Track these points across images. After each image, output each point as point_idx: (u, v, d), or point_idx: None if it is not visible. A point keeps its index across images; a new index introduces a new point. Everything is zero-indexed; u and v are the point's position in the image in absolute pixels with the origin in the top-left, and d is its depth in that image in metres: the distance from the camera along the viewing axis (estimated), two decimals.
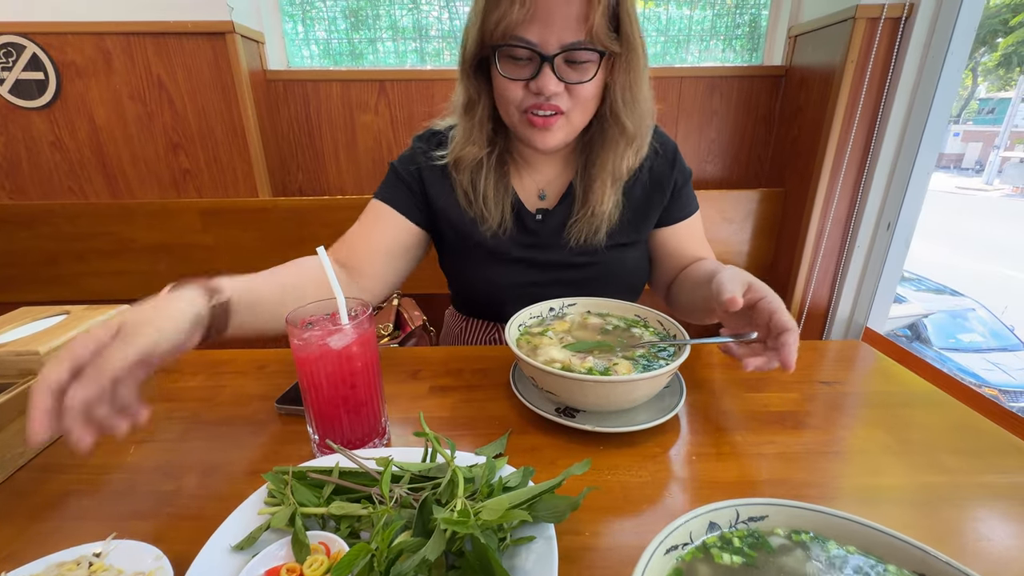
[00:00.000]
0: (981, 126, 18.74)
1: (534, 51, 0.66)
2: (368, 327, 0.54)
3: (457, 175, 0.81)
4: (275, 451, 0.58)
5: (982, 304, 5.52)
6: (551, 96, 0.68)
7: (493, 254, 0.83)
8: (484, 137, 0.78)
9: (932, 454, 0.57)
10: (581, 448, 0.58)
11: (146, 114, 1.36)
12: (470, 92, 0.75)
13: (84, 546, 0.43)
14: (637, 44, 0.70)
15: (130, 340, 0.44)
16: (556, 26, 0.64)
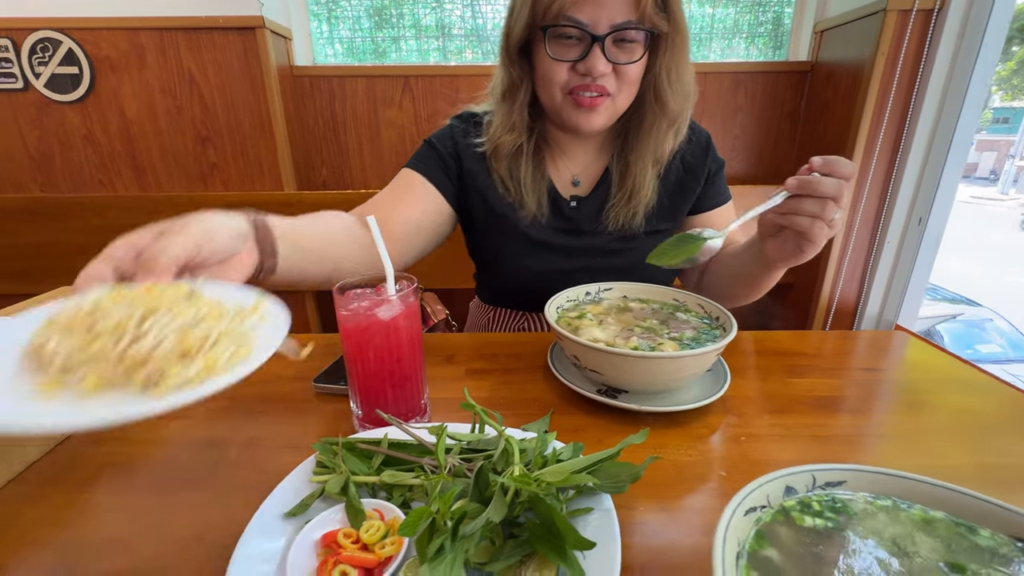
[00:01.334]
0: (995, 135, 18.52)
1: (584, 31, 0.66)
2: (413, 300, 0.54)
3: (495, 163, 0.80)
4: (315, 427, 0.58)
5: (1000, 314, 5.42)
6: (599, 77, 0.68)
7: (529, 240, 0.83)
8: (523, 123, 0.77)
9: (988, 436, 0.55)
10: (625, 428, 0.56)
11: (176, 108, 1.38)
12: (512, 76, 0.75)
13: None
14: (683, 23, 0.70)
15: (175, 237, 0.40)
16: (607, 6, 0.65)
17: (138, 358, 0.30)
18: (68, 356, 0.31)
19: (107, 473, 0.51)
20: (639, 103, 0.76)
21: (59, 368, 0.31)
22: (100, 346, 0.31)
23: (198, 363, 0.31)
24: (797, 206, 0.56)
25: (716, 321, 0.65)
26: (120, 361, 0.30)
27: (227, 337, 0.34)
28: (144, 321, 0.32)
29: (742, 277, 0.77)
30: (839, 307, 1.46)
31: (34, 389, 0.30)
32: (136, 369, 0.30)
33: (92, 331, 0.32)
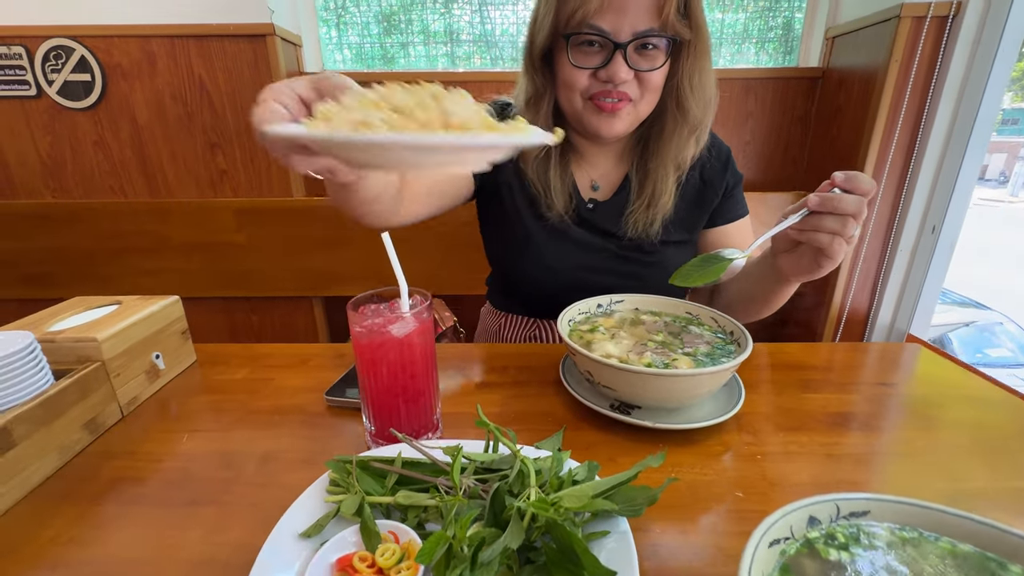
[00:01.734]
0: (1005, 137, 18.31)
1: (607, 39, 0.67)
2: (427, 316, 0.54)
3: (524, 167, 0.81)
4: (328, 442, 0.58)
5: (1010, 318, 5.34)
6: (620, 84, 0.69)
7: (548, 231, 0.83)
8: (549, 129, 0.78)
9: (1013, 457, 0.54)
10: (639, 446, 0.56)
11: (186, 114, 1.39)
12: (536, 84, 0.76)
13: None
14: (706, 30, 0.70)
15: (333, 75, 0.41)
16: (630, 14, 0.65)
17: (455, 123, 0.35)
18: (392, 122, 0.34)
19: (120, 488, 0.51)
20: (660, 109, 0.76)
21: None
22: (421, 117, 0.34)
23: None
24: (818, 223, 0.56)
25: (731, 336, 0.64)
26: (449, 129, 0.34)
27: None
28: (436, 99, 0.36)
29: (754, 293, 0.77)
30: (850, 315, 1.45)
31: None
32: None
33: (397, 109, 0.35)
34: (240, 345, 0.84)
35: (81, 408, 0.57)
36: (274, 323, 1.56)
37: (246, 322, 1.58)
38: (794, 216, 0.57)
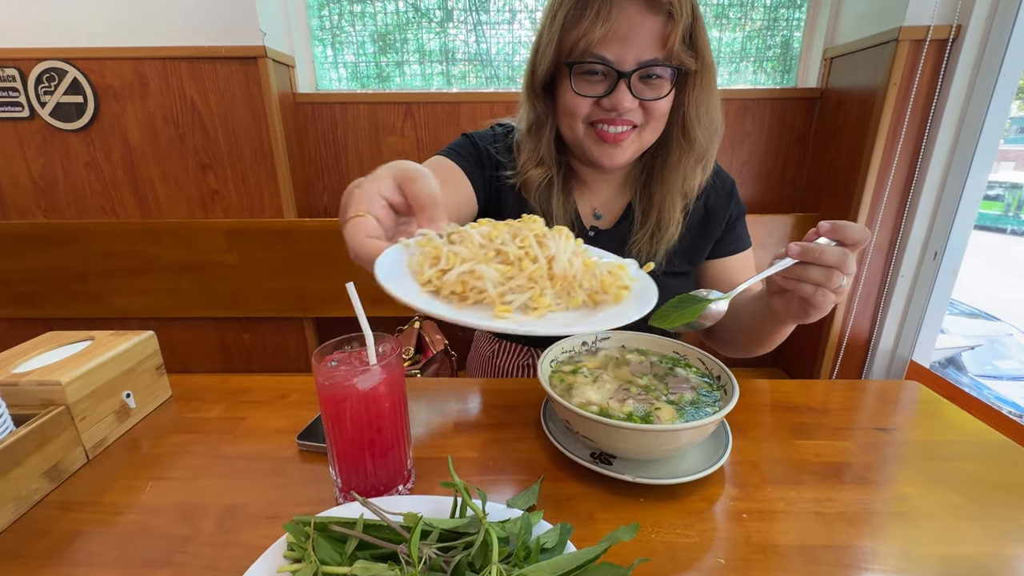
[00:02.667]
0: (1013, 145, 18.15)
1: (611, 68, 0.66)
2: (397, 367, 0.52)
3: (525, 195, 0.80)
4: (296, 492, 0.55)
5: (1020, 329, 5.25)
6: (624, 112, 0.68)
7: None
8: (551, 157, 0.77)
9: (1011, 518, 0.51)
10: (620, 500, 0.53)
11: (178, 136, 1.39)
12: (538, 112, 0.75)
13: None
14: (711, 59, 0.70)
15: (424, 177, 0.42)
16: (634, 44, 0.65)
17: (568, 276, 0.35)
18: (498, 279, 0.34)
19: (75, 545, 0.49)
20: (665, 138, 0.75)
21: (499, 293, 0.34)
22: (528, 269, 0.34)
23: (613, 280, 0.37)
24: (801, 273, 0.54)
25: (717, 381, 0.62)
26: (552, 280, 0.35)
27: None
28: (540, 244, 0.37)
29: (752, 330, 0.75)
30: (851, 341, 1.41)
31: (490, 316, 0.33)
32: (572, 287, 0.35)
33: (500, 252, 0.36)
34: (217, 377, 0.82)
35: (41, 455, 0.55)
36: (265, 344, 1.55)
37: (237, 342, 1.57)
38: (779, 264, 0.55)
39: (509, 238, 0.37)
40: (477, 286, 0.34)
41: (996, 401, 4.45)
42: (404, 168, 0.42)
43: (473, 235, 0.37)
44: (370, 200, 0.40)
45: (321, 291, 1.46)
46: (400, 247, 0.38)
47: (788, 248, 0.54)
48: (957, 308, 5.23)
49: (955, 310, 5.16)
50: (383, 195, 0.41)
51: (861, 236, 0.52)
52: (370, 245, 0.38)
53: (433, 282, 0.35)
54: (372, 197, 0.40)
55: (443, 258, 0.35)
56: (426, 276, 0.35)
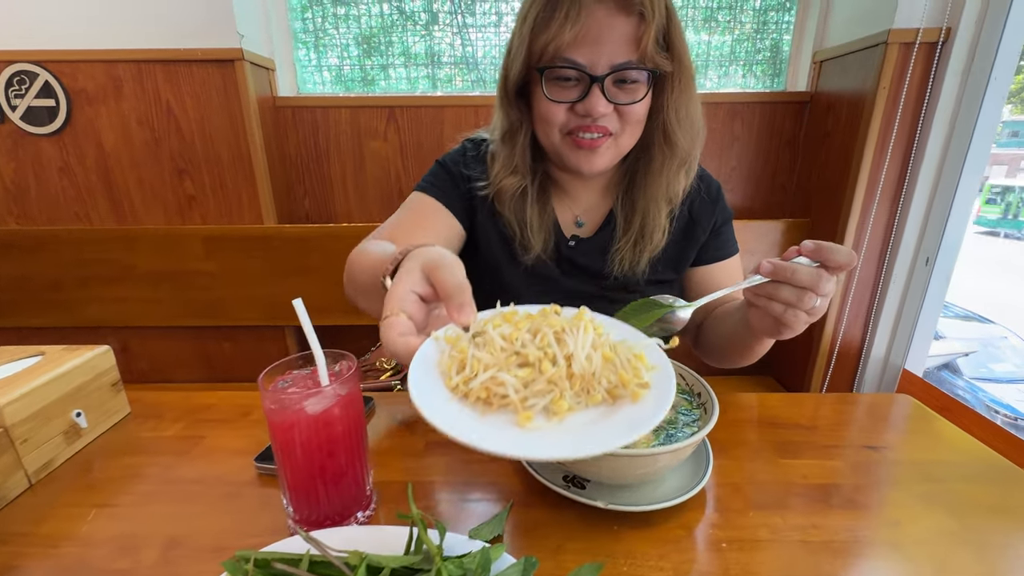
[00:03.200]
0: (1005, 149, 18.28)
1: (583, 72, 0.63)
2: (353, 387, 0.48)
3: (499, 206, 0.77)
4: (249, 521, 0.52)
5: (1014, 332, 5.27)
6: (599, 118, 0.65)
7: (527, 282, 0.79)
8: (526, 165, 0.75)
9: (1009, 546, 0.48)
10: (592, 528, 0.50)
11: (153, 140, 1.35)
12: (511, 119, 0.72)
13: None
14: (688, 60, 0.67)
15: (450, 266, 0.44)
16: (606, 47, 0.62)
17: (586, 375, 0.37)
18: (518, 385, 0.36)
19: None
20: (647, 143, 0.73)
21: (521, 398, 0.36)
22: (548, 372, 0.36)
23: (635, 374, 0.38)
24: (773, 291, 0.52)
25: (697, 399, 0.59)
26: (572, 379, 0.37)
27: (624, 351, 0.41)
28: (559, 341, 0.39)
29: (732, 340, 0.72)
30: (843, 349, 1.39)
31: (513, 423, 0.35)
32: (592, 385, 0.37)
33: (519, 354, 0.38)
34: (180, 394, 0.78)
35: None
36: (245, 352, 1.51)
37: (217, 351, 1.53)
38: (751, 279, 0.53)
39: (529, 338, 0.39)
40: (499, 392, 0.36)
41: (991, 404, 4.45)
42: (430, 257, 0.45)
43: (495, 339, 0.39)
44: (402, 299, 0.43)
45: (302, 298, 1.42)
46: (431, 341, 0.41)
47: (760, 265, 0.52)
48: (951, 311, 5.24)
49: (949, 313, 5.17)
50: (414, 290, 0.44)
51: (846, 260, 0.49)
52: (402, 344, 0.41)
53: (460, 387, 0.37)
54: (404, 295, 0.43)
55: (468, 365, 0.37)
56: (454, 382, 0.37)
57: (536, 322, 0.41)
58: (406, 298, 0.43)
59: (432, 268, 0.44)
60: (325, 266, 1.40)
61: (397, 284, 0.44)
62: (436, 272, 0.43)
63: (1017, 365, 4.62)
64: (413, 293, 0.43)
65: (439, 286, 0.43)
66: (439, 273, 0.43)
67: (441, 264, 0.44)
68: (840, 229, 1.33)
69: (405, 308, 0.42)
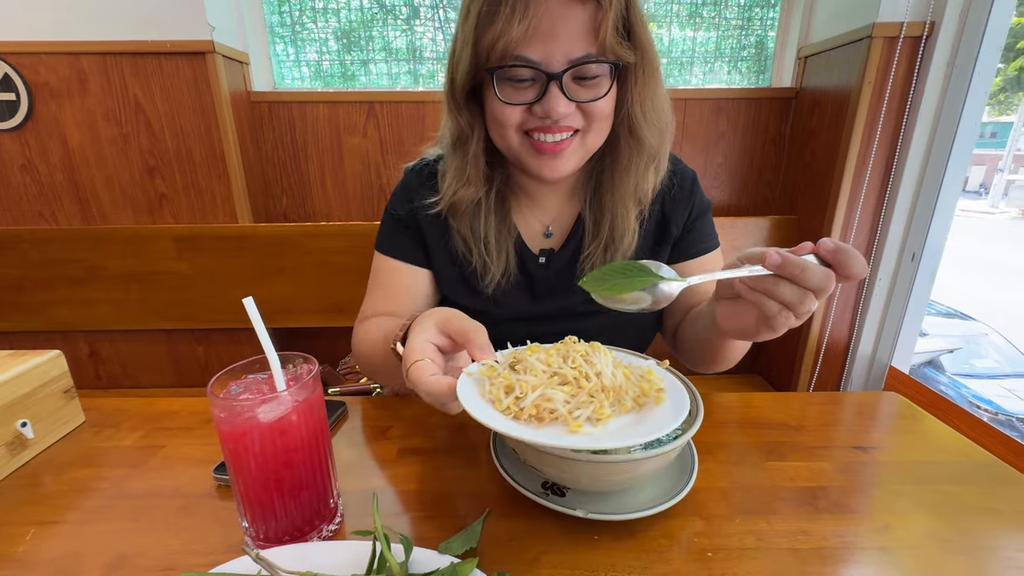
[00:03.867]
0: (984, 149, 18.68)
1: (538, 70, 0.57)
2: (313, 391, 0.45)
3: (454, 222, 0.71)
4: (203, 537, 0.48)
5: (995, 329, 5.39)
6: (560, 119, 0.59)
7: (493, 306, 0.74)
8: (480, 174, 0.68)
9: (1001, 550, 0.46)
10: (571, 538, 0.47)
11: (121, 136, 1.30)
12: (461, 125, 0.65)
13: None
14: (652, 50, 0.62)
15: (461, 318, 0.47)
16: (561, 40, 0.56)
17: (617, 387, 0.43)
18: (567, 398, 0.41)
19: None
20: (612, 140, 0.67)
21: (569, 410, 0.41)
22: (587, 387, 0.42)
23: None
24: (772, 288, 0.46)
25: None
26: (604, 391, 0.42)
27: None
28: (587, 362, 0.44)
29: (703, 344, 0.68)
30: (830, 346, 1.38)
31: (566, 432, 0.40)
32: (621, 395, 0.43)
33: (558, 375, 0.43)
34: (141, 400, 0.74)
35: None
36: (221, 356, 1.46)
37: (191, 354, 1.48)
38: (750, 269, 0.47)
39: (561, 360, 0.45)
40: (548, 407, 0.41)
41: (974, 400, 4.54)
42: (442, 313, 0.48)
43: (535, 364, 0.44)
44: (422, 348, 0.45)
45: (281, 300, 1.38)
46: (465, 377, 0.43)
47: (767, 255, 0.45)
48: (933, 308, 5.34)
49: (932, 310, 5.26)
50: (431, 341, 0.46)
51: (862, 270, 0.44)
52: (440, 382, 0.42)
53: (511, 408, 0.41)
54: (423, 344, 0.45)
55: (516, 387, 0.42)
56: (504, 404, 0.41)
57: (562, 349, 0.46)
58: (425, 347, 0.45)
59: (445, 321, 0.47)
60: (303, 266, 1.36)
61: (414, 337, 0.46)
62: (451, 323, 0.46)
63: (998, 361, 4.71)
64: (430, 344, 0.46)
65: (457, 333, 0.46)
66: (454, 322, 0.46)
67: (453, 315, 0.47)
68: (826, 226, 1.32)
69: (427, 354, 0.45)
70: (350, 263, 1.36)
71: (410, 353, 0.45)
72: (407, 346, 0.46)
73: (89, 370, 1.48)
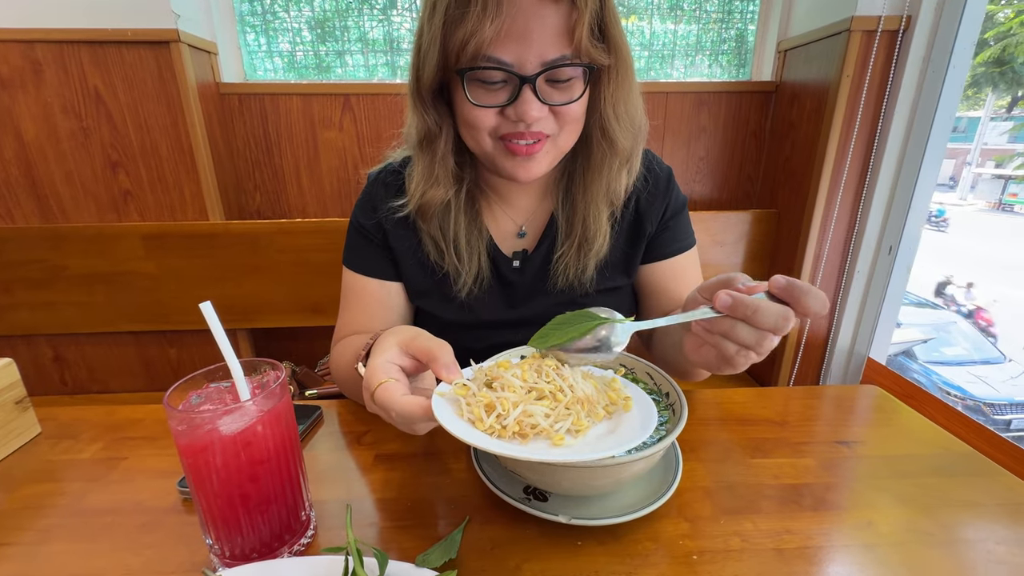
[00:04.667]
0: (953, 143, 19.30)
1: (511, 73, 0.55)
2: (280, 399, 0.43)
3: (424, 224, 0.69)
4: (166, 556, 0.46)
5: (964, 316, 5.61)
6: (533, 123, 0.57)
7: (468, 317, 0.72)
8: (449, 174, 0.65)
9: (984, 545, 0.47)
10: (554, 545, 0.46)
11: (81, 130, 1.23)
12: (428, 124, 0.62)
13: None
14: (626, 51, 0.60)
15: (423, 337, 0.46)
16: (535, 42, 0.54)
17: (589, 399, 0.44)
18: (548, 412, 0.42)
19: None
20: (585, 141, 0.66)
21: (550, 424, 0.41)
22: (564, 400, 0.42)
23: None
24: (728, 329, 0.44)
25: (666, 399, 0.55)
26: (579, 403, 0.43)
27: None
28: (559, 375, 0.45)
29: (675, 360, 0.67)
30: (810, 338, 1.39)
31: (550, 445, 0.40)
32: (594, 405, 0.44)
33: (535, 390, 0.43)
34: (102, 409, 0.70)
35: None
36: (194, 358, 1.41)
37: (162, 357, 1.42)
38: (700, 311, 0.45)
39: (535, 375, 0.45)
40: (530, 423, 0.40)
41: (944, 386, 4.70)
42: (404, 333, 0.47)
43: (513, 381, 0.43)
44: (385, 369, 0.44)
45: (255, 300, 1.34)
46: (438, 398, 0.42)
47: (717, 297, 0.43)
48: (906, 299, 5.50)
49: (905, 300, 5.42)
50: (394, 362, 0.45)
51: (820, 308, 0.42)
52: (413, 403, 0.41)
53: (494, 427, 0.40)
54: (385, 365, 0.44)
55: (498, 405, 0.41)
56: (488, 424, 0.40)
57: (533, 364, 0.46)
58: (389, 368, 0.44)
59: (409, 341, 0.46)
60: (279, 264, 1.32)
61: (376, 358, 0.45)
62: (414, 342, 0.45)
63: (966, 349, 4.90)
64: (393, 365, 0.44)
65: (422, 353, 0.45)
66: (418, 341, 0.45)
67: (417, 334, 0.46)
68: (806, 220, 1.33)
69: (390, 375, 0.43)
70: (327, 260, 1.32)
71: (373, 375, 0.43)
72: (368, 367, 0.45)
73: (53, 375, 1.41)
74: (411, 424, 0.42)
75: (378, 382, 0.42)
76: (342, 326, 0.74)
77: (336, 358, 0.69)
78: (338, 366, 0.68)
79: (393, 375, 0.43)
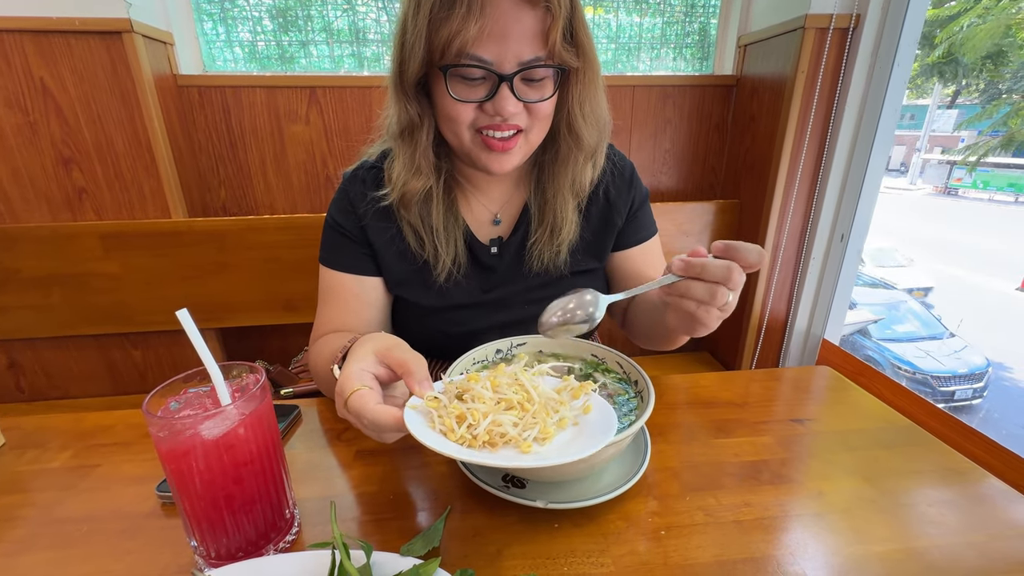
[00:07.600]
0: (903, 131, 20.21)
1: (490, 71, 0.59)
2: (261, 401, 0.43)
3: (404, 212, 0.71)
4: (149, 560, 0.46)
5: (912, 295, 5.99)
6: (509, 117, 0.62)
7: (445, 300, 0.75)
8: (430, 164, 0.69)
9: (918, 508, 0.52)
10: (532, 529, 0.49)
11: (28, 124, 1.17)
12: (411, 115, 0.66)
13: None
14: (593, 55, 0.65)
15: (400, 347, 0.48)
16: (513, 42, 0.58)
17: (552, 401, 0.46)
18: (516, 421, 0.43)
19: None
20: (553, 136, 0.71)
21: (518, 432, 0.42)
22: (530, 409, 0.44)
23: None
24: (686, 289, 0.51)
25: (635, 387, 0.58)
26: (544, 409, 0.45)
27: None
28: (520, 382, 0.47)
29: (655, 330, 0.73)
30: (771, 322, 1.46)
31: (519, 453, 0.41)
32: (558, 409, 0.45)
33: (504, 400, 0.45)
34: (70, 416, 0.69)
35: None
36: (160, 360, 1.37)
37: (126, 360, 1.38)
38: (661, 279, 0.53)
39: (504, 384, 0.46)
40: (499, 431, 0.42)
41: (895, 361, 4.98)
42: (382, 342, 0.48)
43: (483, 392, 0.45)
44: (359, 376, 0.45)
45: (223, 298, 1.31)
46: (409, 410, 0.43)
47: (671, 263, 0.51)
48: (860, 279, 5.81)
49: (859, 281, 5.72)
50: (369, 371, 0.46)
51: (756, 259, 0.49)
52: (386, 411, 0.42)
53: (466, 437, 0.41)
54: (360, 373, 0.45)
55: (468, 416, 0.42)
56: (459, 434, 0.41)
57: (495, 373, 0.48)
58: (363, 376, 0.45)
59: (385, 351, 0.47)
60: (248, 262, 1.29)
61: (351, 365, 0.45)
62: (391, 353, 0.46)
63: (916, 326, 5.22)
64: (368, 373, 0.45)
65: (397, 365, 0.46)
66: (394, 353, 0.46)
67: (393, 345, 0.47)
68: (765, 210, 1.39)
69: (364, 383, 0.44)
70: (298, 257, 1.30)
71: (347, 381, 0.44)
72: (343, 373, 0.45)
73: (8, 382, 1.35)
74: (381, 433, 0.44)
75: (352, 389, 0.43)
76: (321, 324, 0.74)
77: (314, 356, 0.70)
78: (315, 364, 0.69)
79: (367, 383, 0.44)
